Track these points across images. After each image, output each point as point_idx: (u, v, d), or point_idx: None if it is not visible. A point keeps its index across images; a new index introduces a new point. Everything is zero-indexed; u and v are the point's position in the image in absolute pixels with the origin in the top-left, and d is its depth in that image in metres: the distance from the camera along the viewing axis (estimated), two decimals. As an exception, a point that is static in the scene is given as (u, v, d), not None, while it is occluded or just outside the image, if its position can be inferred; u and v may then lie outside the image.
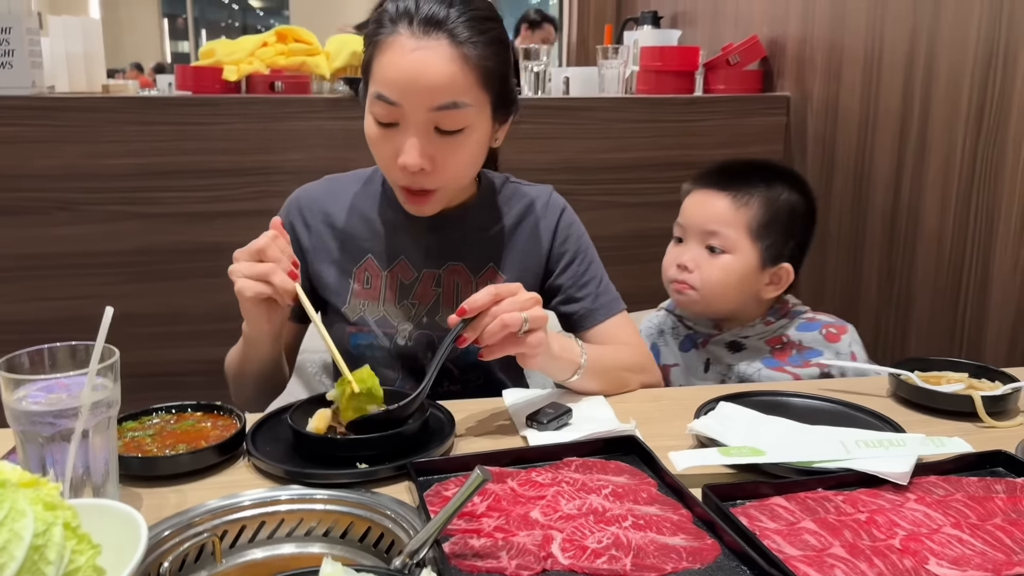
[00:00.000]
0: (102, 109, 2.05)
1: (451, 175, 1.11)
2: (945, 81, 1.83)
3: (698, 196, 1.41)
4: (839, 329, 1.42)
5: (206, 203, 2.12)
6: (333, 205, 1.25)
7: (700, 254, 1.38)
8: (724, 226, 1.37)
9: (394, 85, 1.04)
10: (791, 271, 1.40)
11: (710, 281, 1.37)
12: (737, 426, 0.99)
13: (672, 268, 1.41)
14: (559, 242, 1.27)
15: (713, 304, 1.40)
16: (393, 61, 1.04)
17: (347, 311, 1.23)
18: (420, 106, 1.04)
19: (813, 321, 1.43)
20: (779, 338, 1.42)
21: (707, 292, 1.38)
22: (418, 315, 1.22)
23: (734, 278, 1.37)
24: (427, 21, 1.04)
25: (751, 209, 1.37)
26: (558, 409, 1.03)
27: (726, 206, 1.37)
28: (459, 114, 1.06)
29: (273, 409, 1.03)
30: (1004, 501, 0.84)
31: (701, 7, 3.15)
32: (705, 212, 1.39)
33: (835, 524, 0.79)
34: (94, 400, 0.76)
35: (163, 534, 0.77)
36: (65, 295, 2.06)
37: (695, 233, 1.39)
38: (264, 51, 2.36)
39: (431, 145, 1.07)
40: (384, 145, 1.09)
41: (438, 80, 1.03)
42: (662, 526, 0.78)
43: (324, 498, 0.84)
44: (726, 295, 1.39)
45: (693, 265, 1.38)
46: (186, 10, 11.45)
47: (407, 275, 1.22)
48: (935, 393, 1.10)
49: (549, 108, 2.34)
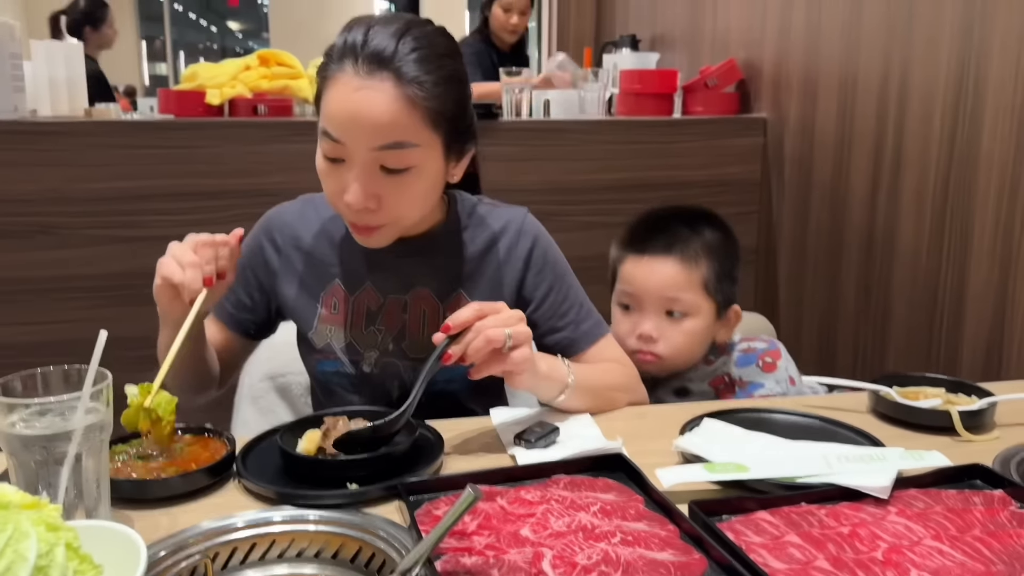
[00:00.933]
0: (84, 133, 2.06)
1: (400, 212, 1.09)
2: (918, 102, 1.88)
3: (643, 263, 1.38)
4: (773, 356, 1.42)
5: (189, 226, 2.08)
6: (304, 228, 1.24)
7: (660, 322, 1.37)
8: (682, 291, 1.36)
9: (337, 123, 1.03)
10: (739, 311, 1.43)
11: (676, 346, 1.37)
12: (721, 442, 1.01)
13: (631, 339, 1.38)
14: (533, 272, 1.23)
15: (677, 366, 1.40)
16: (337, 99, 1.03)
17: (313, 337, 1.22)
18: (362, 145, 1.02)
19: (749, 352, 1.44)
20: (721, 378, 1.42)
21: (672, 357, 1.37)
22: (384, 342, 1.21)
23: (698, 338, 1.38)
24: (372, 58, 1.01)
25: (701, 268, 1.37)
26: (545, 428, 1.05)
27: (677, 270, 1.36)
28: (404, 154, 1.04)
29: (263, 431, 1.04)
30: (982, 513, 0.86)
31: (679, 31, 3.21)
32: (659, 280, 1.36)
33: (819, 538, 0.81)
34: (87, 424, 0.77)
35: (158, 555, 0.77)
36: (48, 319, 2.06)
37: (651, 301, 1.37)
38: (247, 75, 2.38)
39: (376, 184, 1.05)
40: (331, 180, 1.08)
41: (380, 120, 1.01)
42: (650, 542, 0.80)
43: (316, 519, 0.85)
44: (692, 353, 1.40)
45: (657, 334, 1.36)
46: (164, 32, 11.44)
47: (373, 301, 1.21)
48: (913, 409, 1.13)
49: (531, 130, 2.37)
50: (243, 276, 1.22)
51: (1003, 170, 1.65)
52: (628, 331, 1.39)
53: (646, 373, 1.38)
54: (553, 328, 1.23)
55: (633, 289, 1.39)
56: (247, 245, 1.24)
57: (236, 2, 12.36)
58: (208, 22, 12.77)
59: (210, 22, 12.80)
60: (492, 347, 0.99)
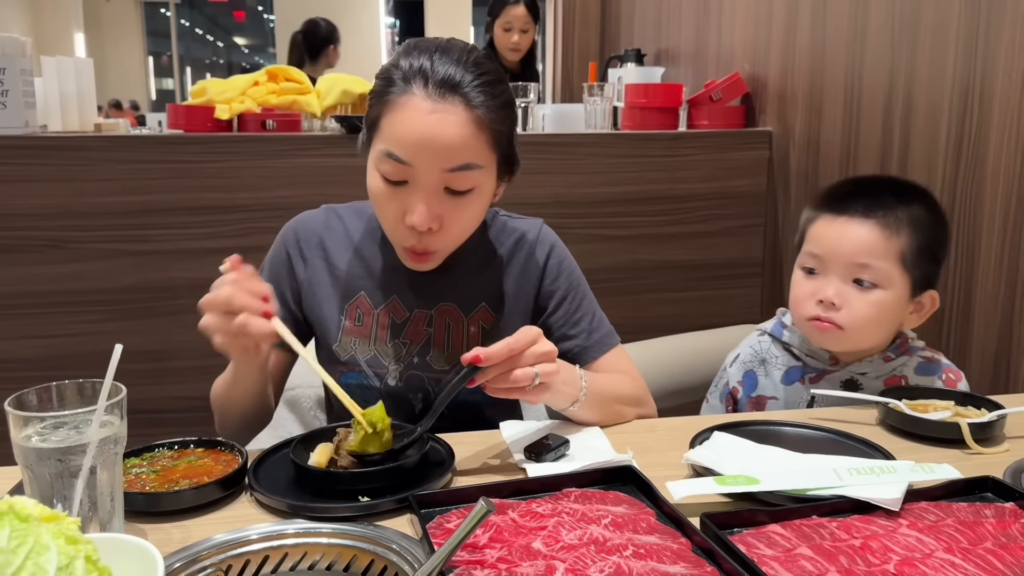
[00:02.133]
0: (95, 148, 2.07)
1: (456, 234, 1.13)
2: (924, 116, 1.88)
3: (837, 224, 1.29)
4: (956, 375, 1.34)
5: (199, 240, 2.13)
6: (330, 239, 1.25)
7: (846, 289, 1.27)
8: (876, 258, 1.25)
9: (408, 145, 1.05)
10: (936, 297, 1.31)
11: (860, 319, 1.26)
12: (732, 455, 1.01)
13: (810, 304, 1.29)
14: (549, 280, 1.26)
15: (858, 343, 1.30)
16: (407, 121, 1.05)
17: (338, 349, 1.23)
18: (434, 167, 1.05)
19: (932, 362, 1.35)
20: (897, 379, 1.33)
21: (855, 330, 1.27)
22: (408, 355, 1.22)
23: (886, 313, 1.27)
24: (443, 83, 1.04)
25: (902, 237, 1.26)
26: (556, 440, 1.05)
27: (876, 236, 1.26)
28: (470, 175, 1.07)
29: (274, 444, 1.04)
30: (994, 525, 0.86)
31: (684, 45, 3.22)
32: (852, 243, 1.26)
33: (830, 550, 0.81)
34: (102, 437, 0.77)
35: (171, 568, 0.78)
36: (58, 333, 2.07)
37: (839, 266, 1.27)
38: (255, 90, 2.39)
39: (440, 205, 1.08)
40: (390, 203, 1.09)
41: (453, 142, 1.04)
42: (662, 555, 0.80)
43: (328, 531, 0.85)
44: (876, 332, 1.30)
45: (840, 301, 1.26)
46: (171, 48, 11.52)
47: (399, 314, 1.23)
48: (923, 421, 1.13)
49: (537, 144, 2.38)
50: (274, 289, 1.17)
51: (1009, 185, 1.66)
52: (808, 295, 1.30)
53: (822, 347, 1.34)
54: (565, 336, 1.25)
55: (821, 250, 1.29)
56: (274, 257, 1.26)
57: (242, 17, 12.45)
58: (215, 37, 12.87)
59: (216, 37, 12.89)
60: (516, 386, 1.00)
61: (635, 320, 1.64)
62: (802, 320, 1.33)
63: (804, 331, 1.36)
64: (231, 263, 1.02)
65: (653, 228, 2.47)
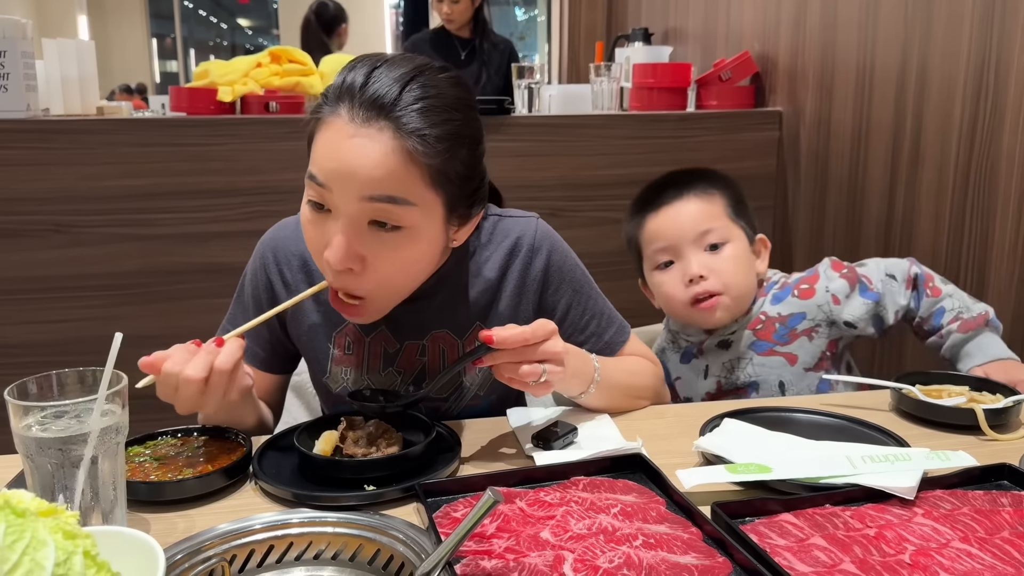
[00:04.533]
0: (97, 131, 2.05)
1: (384, 280, 0.98)
2: (937, 94, 1.85)
3: (665, 213, 1.39)
4: (809, 281, 1.41)
5: (202, 224, 2.12)
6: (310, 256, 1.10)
7: (704, 258, 1.36)
8: (712, 220, 1.36)
9: (326, 171, 0.93)
10: (766, 239, 1.44)
11: (728, 276, 1.35)
12: (743, 443, 1.00)
13: (680, 290, 1.36)
14: (551, 290, 1.16)
15: (739, 299, 1.37)
16: (327, 145, 0.93)
17: (328, 382, 1.16)
18: (350, 194, 0.92)
19: (784, 287, 1.43)
20: (757, 319, 1.40)
21: (731, 289, 1.35)
22: (403, 384, 1.15)
23: (743, 263, 1.37)
24: (371, 104, 0.91)
25: (717, 198, 1.39)
26: (564, 428, 1.04)
27: (700, 204, 1.38)
28: (397, 211, 0.93)
29: (279, 431, 1.03)
30: (1011, 514, 0.84)
31: (692, 24, 3.18)
32: (687, 218, 1.37)
33: (844, 540, 0.79)
34: (103, 426, 0.76)
35: (175, 558, 0.77)
36: (61, 318, 2.06)
37: (688, 243, 1.36)
38: (258, 72, 2.37)
39: (361, 241, 0.94)
40: (313, 230, 0.98)
41: (373, 173, 0.91)
42: (673, 545, 0.78)
43: (334, 520, 0.84)
44: (746, 285, 1.38)
45: (706, 271, 1.34)
46: (174, 30, 11.46)
47: (390, 345, 1.14)
48: (938, 407, 1.11)
49: (543, 125, 2.35)
50: (258, 313, 1.12)
51: (1025, 164, 1.63)
52: (676, 283, 1.37)
53: (717, 324, 1.39)
54: (576, 343, 1.17)
55: (666, 240, 1.38)
56: (254, 278, 1.17)
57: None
58: (218, 19, 12.79)
59: (220, 19, 12.81)
60: (521, 380, 0.97)
61: (642, 304, 1.61)
62: (684, 310, 1.38)
63: (692, 321, 1.41)
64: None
65: (661, 210, 2.44)
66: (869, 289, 1.38)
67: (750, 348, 1.40)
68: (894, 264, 1.41)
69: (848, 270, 1.40)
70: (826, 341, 1.39)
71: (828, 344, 1.39)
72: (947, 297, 1.36)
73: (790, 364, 1.38)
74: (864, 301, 1.37)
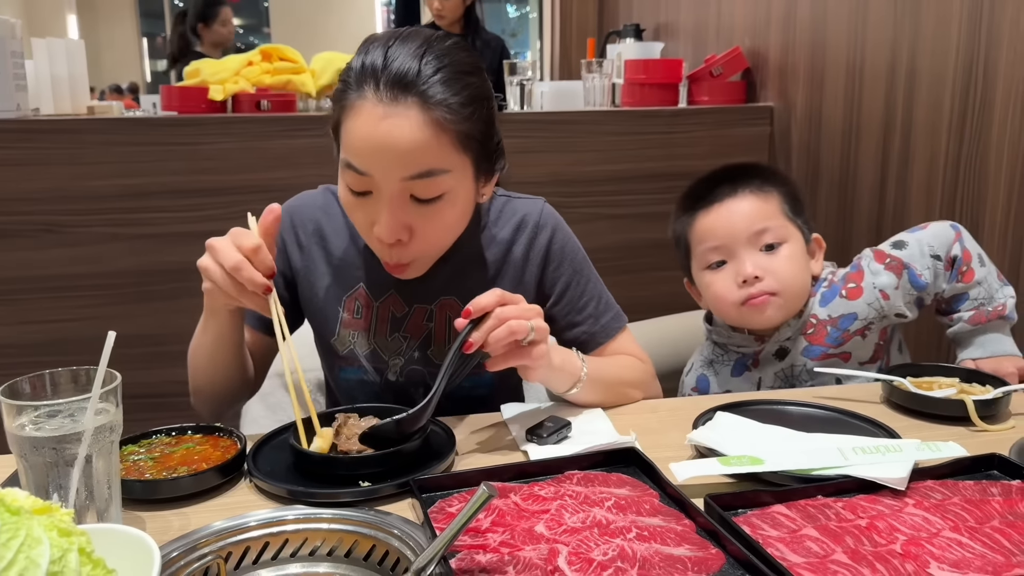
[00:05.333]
0: (87, 131, 2.05)
1: (431, 243, 1.06)
2: (927, 88, 1.86)
3: (718, 211, 1.33)
4: (855, 279, 1.35)
5: (193, 223, 2.12)
6: (328, 225, 1.20)
7: (759, 259, 1.31)
8: (769, 219, 1.31)
9: (363, 156, 0.97)
10: (821, 239, 1.39)
11: (786, 276, 1.30)
12: (735, 435, 1.00)
13: (733, 291, 1.31)
14: (552, 266, 1.21)
15: (794, 300, 1.33)
16: (359, 130, 0.97)
17: (336, 343, 1.19)
18: (391, 177, 0.97)
19: (831, 286, 1.37)
20: (808, 323, 1.36)
21: (787, 290, 1.30)
22: (409, 349, 1.18)
23: (800, 263, 1.32)
24: (395, 83, 0.95)
25: (774, 196, 1.33)
26: (557, 423, 1.04)
27: (756, 202, 1.32)
28: (435, 182, 0.99)
29: (273, 429, 1.03)
30: (1001, 504, 0.85)
31: (683, 19, 3.19)
32: (743, 216, 1.32)
33: (836, 530, 0.80)
34: (97, 425, 0.76)
35: (170, 556, 0.77)
36: (52, 318, 2.06)
37: (742, 242, 1.31)
38: (249, 70, 2.37)
39: (407, 215, 1.01)
40: (359, 213, 1.04)
41: (409, 150, 0.96)
42: (666, 537, 0.79)
43: (329, 517, 0.84)
44: (804, 284, 1.33)
45: (761, 272, 1.30)
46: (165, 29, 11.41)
47: (399, 309, 1.18)
48: (928, 398, 1.12)
49: (535, 122, 2.35)
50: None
51: (1014, 158, 1.64)
52: (729, 284, 1.32)
53: (767, 324, 1.34)
54: (572, 323, 1.22)
55: (719, 240, 1.33)
56: None
57: (236, -3, 12.33)
58: (209, 18, 12.73)
59: (211, 18, 12.75)
60: (514, 338, 0.97)
61: (635, 299, 1.62)
62: (735, 309, 1.33)
63: (742, 321, 1.36)
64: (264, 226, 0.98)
65: (653, 206, 2.44)
66: (918, 276, 1.32)
67: (803, 354, 1.36)
68: (936, 237, 1.33)
69: (892, 260, 1.33)
70: (878, 334, 1.35)
71: (879, 335, 1.36)
72: (976, 285, 1.31)
73: (844, 362, 1.36)
74: (912, 290, 1.32)
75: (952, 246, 1.32)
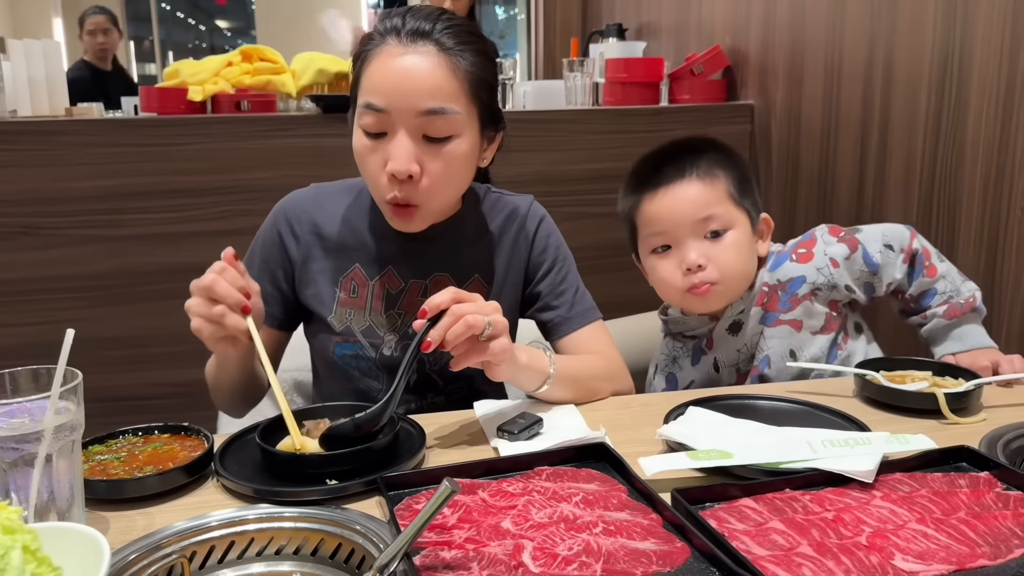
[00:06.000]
0: (65, 132, 2.04)
1: (439, 188, 1.11)
2: (904, 87, 1.87)
3: (663, 196, 1.32)
4: (807, 245, 1.35)
5: (173, 224, 2.11)
6: (321, 215, 1.25)
7: (704, 246, 1.30)
8: (713, 207, 1.29)
9: (382, 91, 1.06)
10: (769, 219, 1.38)
11: (728, 265, 1.30)
12: (705, 430, 1.00)
13: (677, 277, 1.31)
14: (537, 251, 1.28)
15: (735, 289, 1.33)
16: (381, 68, 1.07)
17: (333, 321, 1.23)
18: (408, 110, 1.05)
19: (781, 253, 1.37)
20: (761, 292, 1.35)
21: (728, 278, 1.30)
22: (404, 325, 1.22)
23: (744, 250, 1.31)
24: (414, 32, 1.07)
25: (721, 180, 1.31)
26: (529, 419, 1.04)
27: (701, 188, 1.30)
28: (448, 120, 1.07)
29: (241, 429, 1.02)
30: (968, 495, 0.85)
31: (665, 19, 3.19)
32: (687, 203, 1.30)
33: (803, 523, 0.80)
34: (57, 424, 0.75)
35: (130, 557, 0.76)
36: (31, 320, 2.04)
37: (686, 229, 1.30)
38: (229, 71, 2.36)
39: (420, 152, 1.08)
40: (372, 156, 1.09)
41: (425, 83, 1.05)
42: (632, 531, 0.79)
43: (293, 516, 0.84)
44: (747, 271, 1.33)
45: (704, 260, 1.29)
46: (152, 32, 11.38)
47: (394, 285, 1.23)
48: (900, 392, 1.12)
49: (518, 121, 2.35)
50: (266, 269, 1.23)
51: (988, 154, 1.64)
52: (673, 271, 1.32)
53: (708, 310, 1.35)
54: (548, 305, 1.27)
55: (663, 225, 1.32)
56: (265, 239, 1.25)
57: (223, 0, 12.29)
58: (196, 21, 12.69)
59: (198, 21, 12.71)
60: (471, 332, 0.98)
61: (619, 297, 1.62)
62: (678, 296, 1.34)
63: (685, 306, 1.38)
64: (225, 258, 1.02)
65: (635, 204, 2.44)
66: (871, 256, 1.33)
67: (760, 323, 1.35)
68: (893, 232, 1.35)
69: (846, 234, 1.35)
70: (827, 303, 1.35)
71: (830, 304, 1.35)
72: (941, 279, 1.33)
73: (796, 331, 1.34)
74: (862, 267, 1.33)
75: (910, 241, 1.34)
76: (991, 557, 0.74)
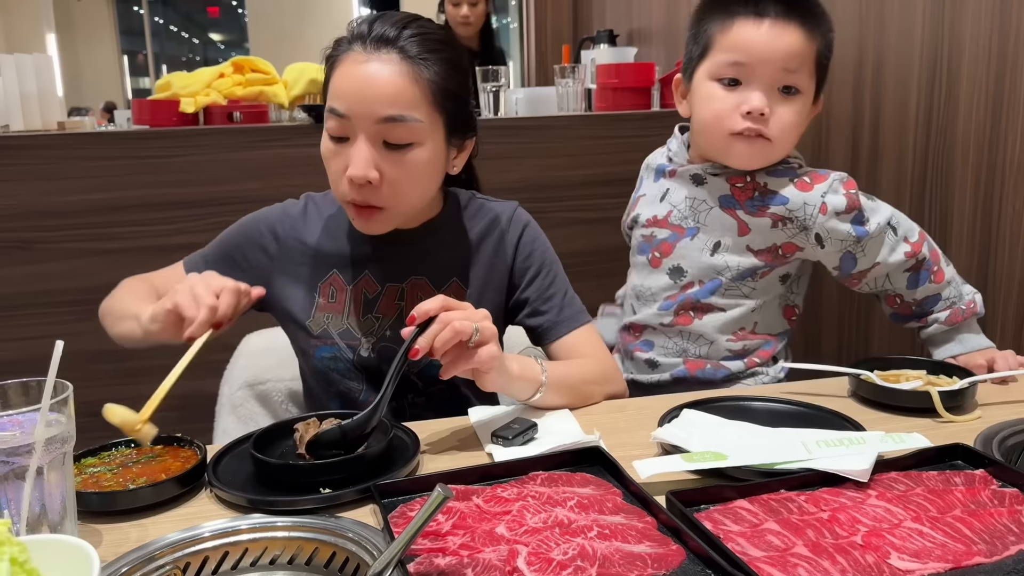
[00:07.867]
0: (58, 146, 2.03)
1: (399, 192, 1.12)
2: (894, 86, 1.87)
3: (764, 28, 1.19)
4: (816, 179, 1.26)
5: (166, 236, 2.10)
6: (306, 229, 1.27)
7: (772, 97, 1.20)
8: (803, 63, 1.19)
9: (344, 97, 1.08)
10: (821, 103, 1.30)
11: (787, 127, 1.21)
12: (700, 432, 1.00)
13: (735, 117, 1.21)
14: (522, 257, 1.27)
15: (779, 155, 1.24)
16: (344, 74, 1.08)
17: (311, 324, 1.24)
18: (368, 117, 1.07)
19: (788, 169, 1.29)
20: (742, 176, 1.27)
21: (781, 141, 1.22)
22: (381, 328, 1.23)
23: (801, 121, 1.22)
24: (379, 39, 1.08)
25: (817, 39, 1.21)
26: (523, 424, 1.03)
27: (802, 39, 1.19)
28: (407, 128, 1.08)
29: (235, 439, 1.02)
30: (963, 493, 0.85)
31: (655, 24, 3.20)
32: (784, 48, 1.19)
33: (798, 524, 0.80)
34: (48, 436, 0.75)
35: (123, 570, 0.76)
36: (25, 335, 2.03)
37: (767, 74, 1.19)
38: (221, 82, 2.35)
39: (379, 158, 1.09)
40: (335, 159, 1.11)
41: (385, 91, 1.06)
42: (627, 534, 0.79)
43: (287, 525, 0.84)
44: (791, 142, 1.25)
45: (768, 111, 1.20)
46: (146, 46, 11.39)
47: (371, 289, 1.23)
48: (894, 391, 1.12)
49: (509, 128, 2.35)
50: (233, 258, 1.25)
51: (979, 154, 1.65)
52: (732, 107, 1.22)
53: (745, 166, 1.27)
54: (537, 311, 1.26)
55: (748, 58, 1.20)
56: (242, 228, 1.28)
57: (216, 13, 12.31)
58: (189, 34, 12.72)
59: (192, 34, 12.74)
60: (459, 339, 0.98)
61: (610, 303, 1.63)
62: (725, 135, 1.24)
63: (726, 148, 1.27)
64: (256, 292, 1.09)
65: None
66: (864, 223, 1.26)
67: (717, 197, 1.28)
68: (904, 220, 1.29)
69: (856, 193, 1.27)
70: (786, 240, 1.29)
71: (785, 245, 1.29)
72: (947, 284, 1.30)
73: (740, 233, 1.28)
74: (850, 230, 1.26)
75: (920, 241, 1.31)
76: (987, 555, 0.74)
